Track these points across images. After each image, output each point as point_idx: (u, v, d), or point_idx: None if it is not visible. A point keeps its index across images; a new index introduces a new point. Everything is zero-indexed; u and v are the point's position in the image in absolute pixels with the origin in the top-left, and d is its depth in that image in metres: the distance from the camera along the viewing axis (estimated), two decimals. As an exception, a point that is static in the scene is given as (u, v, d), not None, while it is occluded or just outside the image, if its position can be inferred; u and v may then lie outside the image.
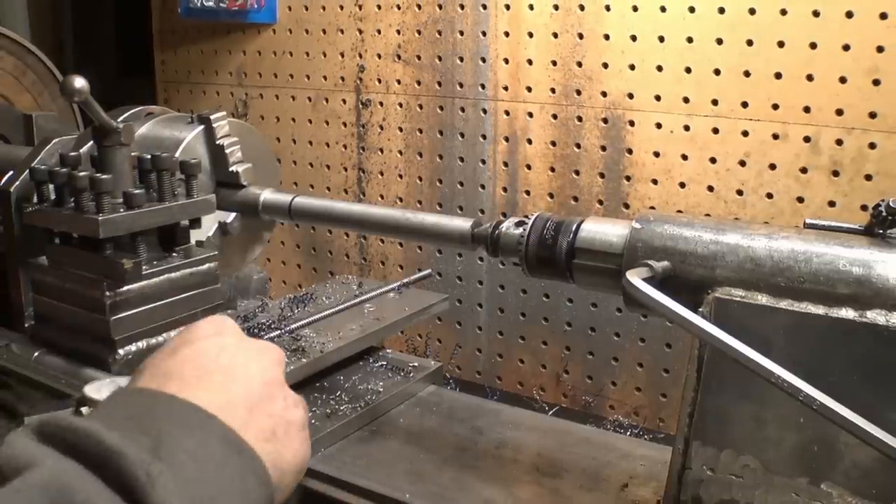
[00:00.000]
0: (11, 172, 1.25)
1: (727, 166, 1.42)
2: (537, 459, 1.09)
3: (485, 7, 1.59)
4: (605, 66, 1.49)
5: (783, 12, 1.32)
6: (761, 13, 1.34)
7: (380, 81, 1.75)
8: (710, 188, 1.44)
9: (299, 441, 0.64)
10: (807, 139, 1.34)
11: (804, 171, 1.36)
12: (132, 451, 0.48)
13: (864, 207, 1.30)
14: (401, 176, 1.76)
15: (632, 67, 1.47)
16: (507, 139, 1.62)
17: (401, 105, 1.73)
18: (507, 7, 1.57)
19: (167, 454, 0.50)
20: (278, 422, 0.62)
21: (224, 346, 0.65)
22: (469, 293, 1.72)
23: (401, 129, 1.74)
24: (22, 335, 1.21)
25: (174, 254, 1.18)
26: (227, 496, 0.52)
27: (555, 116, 1.56)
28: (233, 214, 1.32)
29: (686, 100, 1.43)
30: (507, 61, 1.59)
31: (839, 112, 1.31)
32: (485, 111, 1.63)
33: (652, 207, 1.49)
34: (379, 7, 1.71)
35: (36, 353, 1.16)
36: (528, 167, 1.61)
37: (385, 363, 1.30)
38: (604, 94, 1.50)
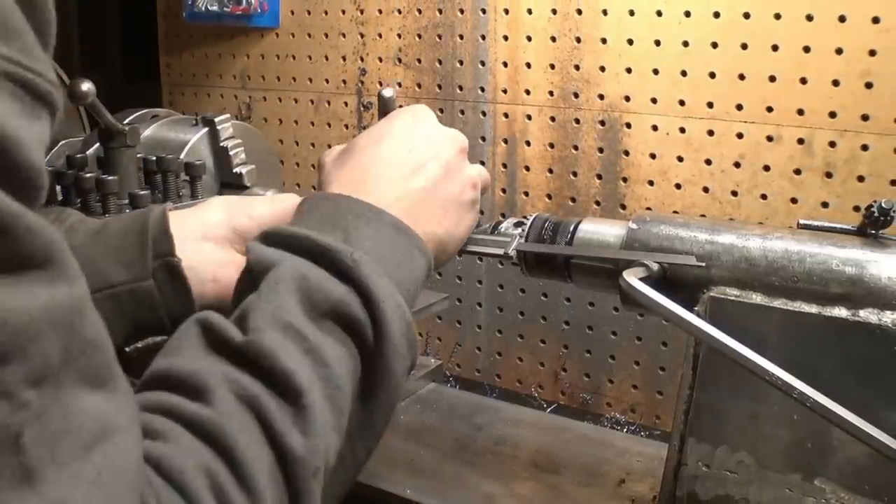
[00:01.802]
0: (19, 174, 1.25)
1: (722, 168, 1.41)
2: (536, 456, 1.09)
3: (484, 11, 1.59)
4: (602, 69, 1.49)
5: (777, 16, 1.32)
6: (755, 17, 1.34)
7: (381, 84, 1.75)
8: (706, 189, 1.44)
9: (460, 219, 0.84)
10: (800, 141, 1.34)
11: (798, 172, 1.35)
12: (338, 245, 0.65)
13: (856, 208, 1.30)
14: (402, 177, 1.75)
15: (628, 71, 1.47)
16: (505, 141, 1.62)
17: (401, 108, 1.72)
18: (506, 11, 1.57)
19: (356, 241, 0.68)
20: (448, 205, 0.82)
21: (405, 142, 0.83)
22: (468, 292, 1.72)
23: (402, 132, 1.73)
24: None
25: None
26: (400, 265, 0.70)
27: (553, 119, 1.56)
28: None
29: (682, 102, 1.43)
30: (505, 65, 1.59)
31: (832, 114, 1.31)
32: (484, 114, 1.63)
33: (648, 208, 1.49)
34: (380, 11, 1.71)
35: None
36: (527, 168, 1.61)
37: (386, 361, 1.30)
38: (601, 96, 1.50)
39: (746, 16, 1.34)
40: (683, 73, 1.42)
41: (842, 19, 1.27)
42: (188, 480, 0.50)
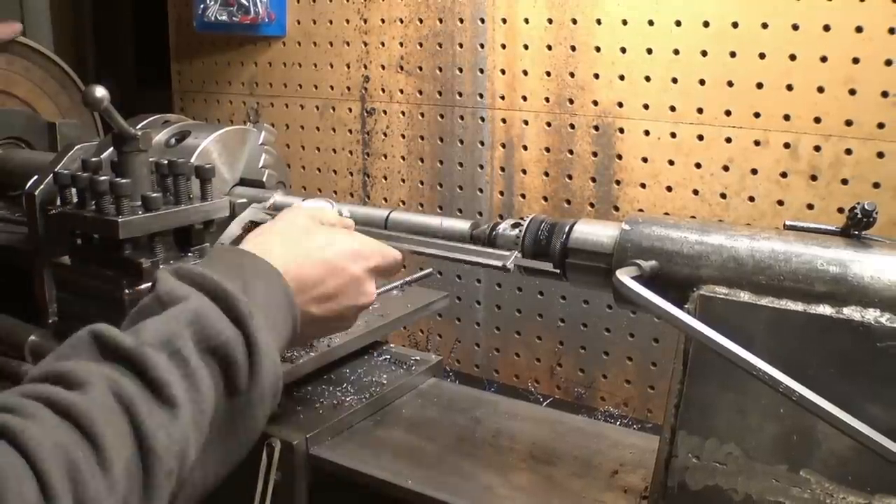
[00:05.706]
0: (36, 177, 1.25)
1: (711, 171, 1.42)
2: (532, 448, 1.09)
3: (482, 21, 1.59)
4: (597, 76, 1.49)
5: (764, 26, 1.32)
6: (744, 26, 1.34)
7: (384, 91, 1.75)
8: (696, 192, 1.44)
9: (325, 328, 0.90)
10: (786, 145, 1.34)
11: (784, 175, 1.36)
12: (238, 293, 0.70)
13: (840, 210, 1.30)
14: (403, 180, 1.76)
15: (621, 78, 1.47)
16: (503, 145, 1.62)
17: (403, 113, 1.73)
18: (504, 21, 1.57)
19: (251, 293, 0.73)
20: (331, 304, 0.86)
21: (309, 231, 0.87)
22: (468, 291, 1.72)
23: (403, 136, 1.74)
24: (46, 331, 1.21)
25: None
26: (277, 327, 0.76)
27: (549, 124, 1.56)
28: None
29: (673, 108, 1.43)
30: (503, 72, 1.59)
31: (817, 120, 1.31)
32: (483, 119, 1.64)
33: (640, 210, 1.49)
34: (383, 21, 1.71)
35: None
36: (524, 172, 1.61)
37: (389, 357, 1.30)
38: (595, 102, 1.51)
39: (735, 25, 1.35)
40: (674, 81, 1.42)
41: (826, 28, 1.27)
42: (42, 458, 0.52)
